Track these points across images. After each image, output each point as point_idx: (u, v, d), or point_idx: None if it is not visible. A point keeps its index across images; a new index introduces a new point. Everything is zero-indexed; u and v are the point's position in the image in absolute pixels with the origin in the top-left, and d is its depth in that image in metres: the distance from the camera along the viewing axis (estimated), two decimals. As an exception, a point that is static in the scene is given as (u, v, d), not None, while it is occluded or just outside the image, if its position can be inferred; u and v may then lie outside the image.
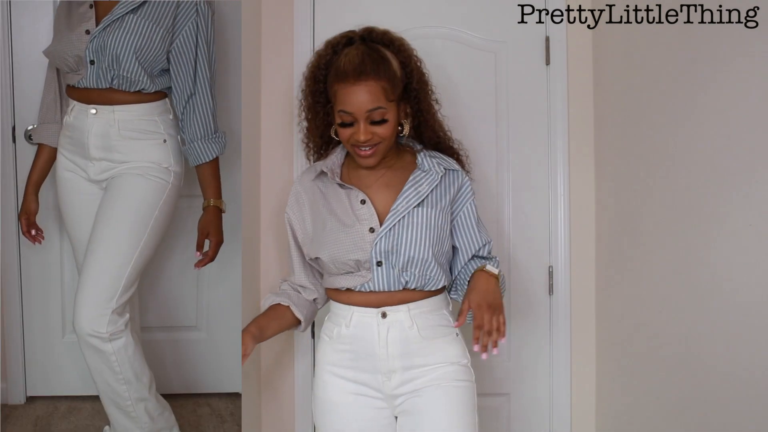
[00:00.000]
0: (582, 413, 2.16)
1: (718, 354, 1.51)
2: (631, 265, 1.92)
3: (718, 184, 1.50)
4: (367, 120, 1.53)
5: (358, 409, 1.59)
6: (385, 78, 1.53)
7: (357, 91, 1.52)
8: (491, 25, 2.15)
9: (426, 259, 1.56)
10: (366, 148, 1.56)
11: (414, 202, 1.58)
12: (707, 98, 1.53)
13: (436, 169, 1.62)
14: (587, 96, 2.16)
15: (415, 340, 1.57)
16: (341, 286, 1.60)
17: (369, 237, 1.56)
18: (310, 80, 1.63)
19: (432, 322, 1.59)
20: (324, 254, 1.59)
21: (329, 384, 1.61)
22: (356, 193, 1.61)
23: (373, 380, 1.58)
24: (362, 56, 1.54)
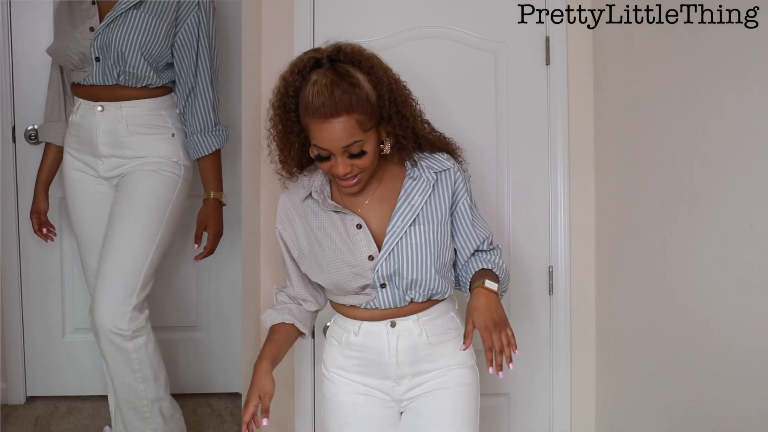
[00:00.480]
0: (582, 413, 2.16)
1: (718, 354, 1.51)
2: (631, 265, 1.92)
3: (718, 183, 1.50)
4: (344, 154, 1.44)
5: (369, 408, 1.58)
6: (358, 110, 1.42)
7: (330, 129, 1.41)
8: (491, 25, 2.15)
9: (429, 278, 1.53)
10: (348, 180, 1.48)
11: (409, 220, 1.52)
12: (707, 98, 1.53)
13: (427, 175, 1.55)
14: (587, 96, 2.15)
15: (424, 346, 1.56)
16: (346, 303, 1.58)
17: (369, 264, 1.53)
18: (280, 109, 1.50)
19: (440, 327, 1.59)
20: (325, 282, 1.56)
21: (340, 386, 1.60)
22: (351, 217, 1.54)
23: (382, 385, 1.58)
24: (331, 87, 1.41)
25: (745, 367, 1.42)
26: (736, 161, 1.44)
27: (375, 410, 1.58)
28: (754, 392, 1.40)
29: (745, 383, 1.42)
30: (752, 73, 1.39)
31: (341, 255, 1.54)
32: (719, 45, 1.49)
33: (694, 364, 1.60)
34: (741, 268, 1.43)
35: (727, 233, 1.47)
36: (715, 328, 1.52)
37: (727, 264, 1.47)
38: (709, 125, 1.53)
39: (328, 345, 1.65)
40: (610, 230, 2.06)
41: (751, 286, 1.40)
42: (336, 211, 1.55)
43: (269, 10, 2.15)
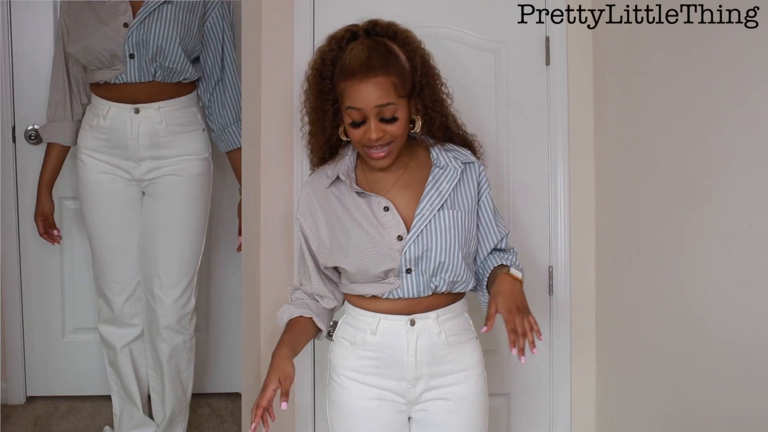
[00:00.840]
0: (582, 413, 2.16)
1: (718, 354, 1.51)
2: (631, 265, 1.92)
3: (718, 183, 1.50)
4: (377, 117, 1.45)
5: (380, 413, 1.55)
6: (394, 73, 1.46)
7: (365, 88, 1.44)
8: (491, 25, 2.15)
9: (456, 263, 1.53)
10: (378, 148, 1.49)
11: (437, 204, 1.52)
12: (707, 98, 1.53)
13: (454, 164, 1.56)
14: (587, 96, 2.15)
15: (442, 346, 1.55)
16: (366, 293, 1.55)
17: (397, 245, 1.51)
18: (316, 78, 1.53)
19: (457, 327, 1.58)
20: (350, 265, 1.53)
21: (351, 390, 1.56)
22: (377, 199, 1.53)
23: (397, 387, 1.55)
24: (369, 51, 1.47)
25: (746, 367, 1.42)
26: (737, 161, 1.44)
27: (385, 415, 1.55)
28: (754, 392, 1.40)
29: (745, 383, 1.42)
30: (752, 73, 1.39)
31: (368, 237, 1.52)
32: (719, 45, 1.49)
33: (695, 364, 1.60)
34: (741, 267, 1.43)
35: (727, 233, 1.47)
36: (716, 328, 1.52)
37: (727, 264, 1.47)
38: (709, 125, 1.53)
39: (337, 347, 1.61)
40: (610, 230, 2.06)
41: (752, 285, 1.40)
42: (361, 195, 1.54)
43: (269, 10, 2.15)
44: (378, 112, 1.45)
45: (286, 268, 2.13)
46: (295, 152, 2.13)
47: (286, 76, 2.14)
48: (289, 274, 2.13)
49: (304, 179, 2.11)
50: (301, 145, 2.11)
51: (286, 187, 2.13)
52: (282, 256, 2.13)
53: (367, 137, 1.47)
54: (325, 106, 1.53)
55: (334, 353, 1.61)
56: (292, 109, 2.13)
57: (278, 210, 2.13)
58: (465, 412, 1.56)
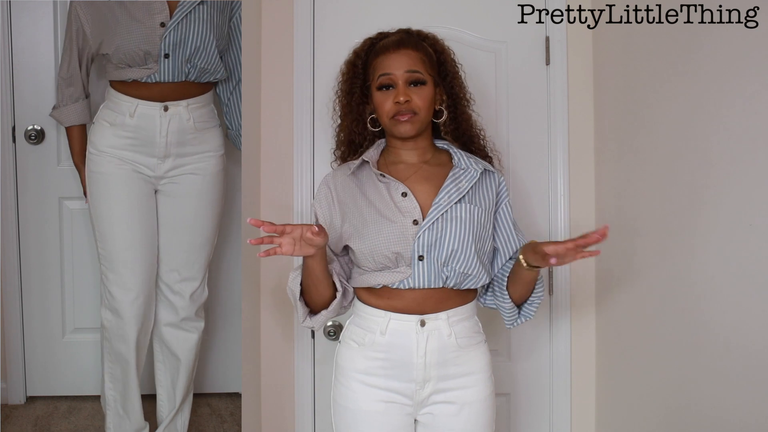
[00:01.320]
0: (582, 413, 2.16)
1: (718, 354, 1.51)
2: (631, 265, 1.92)
3: (717, 183, 1.50)
4: (405, 82, 1.56)
5: (388, 417, 1.54)
6: (423, 51, 1.60)
7: (396, 56, 1.57)
8: (491, 25, 2.15)
9: (468, 254, 1.54)
10: (405, 113, 1.55)
11: (455, 198, 1.56)
12: (707, 98, 1.53)
13: (474, 167, 1.61)
14: (587, 96, 2.15)
15: (452, 348, 1.56)
16: (377, 283, 1.55)
17: (412, 229, 1.54)
18: (348, 68, 1.66)
19: (468, 330, 1.59)
20: (364, 246, 1.54)
21: (359, 393, 1.55)
22: (396, 185, 1.58)
23: (405, 389, 1.55)
24: (400, 35, 1.63)
25: (746, 368, 1.42)
26: (737, 161, 1.44)
27: (393, 419, 1.55)
28: (754, 393, 1.40)
29: (745, 383, 1.42)
30: (752, 73, 1.39)
31: (384, 219, 1.55)
32: (719, 45, 1.49)
33: (694, 364, 1.60)
34: (741, 267, 1.43)
35: (727, 233, 1.47)
36: (716, 328, 1.52)
37: (727, 263, 1.47)
38: (709, 125, 1.53)
39: (344, 348, 1.61)
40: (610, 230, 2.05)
41: (752, 285, 1.40)
42: (381, 180, 1.59)
43: (269, 10, 2.15)
44: (407, 78, 1.56)
45: (285, 268, 2.13)
46: (295, 152, 2.13)
47: (286, 76, 2.14)
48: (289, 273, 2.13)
49: (304, 182, 2.13)
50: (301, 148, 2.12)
51: (286, 186, 2.13)
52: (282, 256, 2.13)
53: (396, 101, 1.55)
54: (354, 89, 1.64)
55: (341, 355, 1.61)
56: (293, 112, 2.13)
57: (278, 209, 2.13)
58: (471, 417, 1.56)
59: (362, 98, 1.64)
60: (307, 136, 2.12)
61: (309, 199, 2.12)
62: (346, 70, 1.67)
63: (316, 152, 2.12)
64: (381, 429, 1.54)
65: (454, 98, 1.66)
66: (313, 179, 2.12)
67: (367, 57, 1.63)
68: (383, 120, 1.60)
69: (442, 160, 1.66)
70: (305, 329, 2.13)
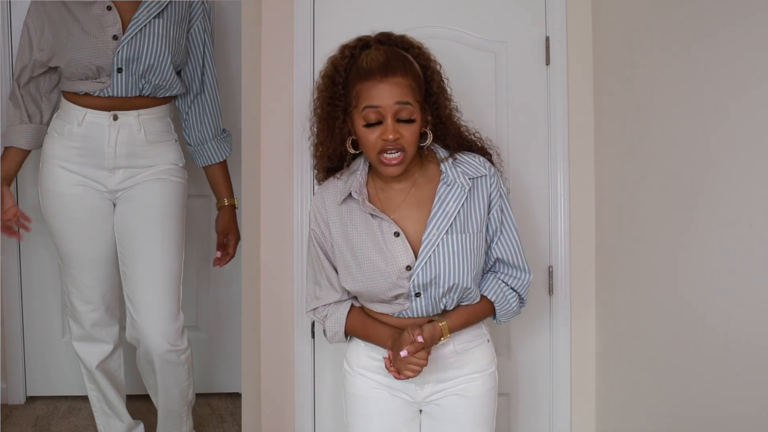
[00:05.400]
0: (582, 413, 2.16)
1: (718, 354, 1.51)
2: (631, 265, 1.92)
3: (718, 183, 1.50)
4: (394, 117, 1.45)
5: (390, 403, 1.59)
6: (411, 76, 1.47)
7: (384, 87, 1.44)
8: (491, 25, 2.15)
9: (466, 286, 1.53)
10: (393, 152, 1.46)
11: (444, 227, 1.51)
12: (707, 97, 1.53)
13: (462, 180, 1.54)
14: (587, 96, 2.15)
15: (449, 355, 1.58)
16: (377, 310, 1.58)
17: (405, 273, 1.51)
18: (327, 86, 1.53)
19: (466, 336, 1.60)
20: (358, 288, 1.55)
21: (364, 382, 1.61)
22: (389, 224, 1.52)
23: (406, 387, 1.58)
24: (387, 54, 1.48)
25: (746, 367, 1.42)
26: (737, 161, 1.43)
27: (393, 404, 1.59)
28: (754, 392, 1.40)
29: (745, 383, 1.42)
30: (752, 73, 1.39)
31: (376, 267, 1.52)
32: (719, 44, 1.49)
33: (695, 364, 1.60)
34: (741, 267, 1.43)
35: (727, 233, 1.47)
36: (716, 328, 1.52)
37: (727, 263, 1.47)
38: (709, 125, 1.53)
39: (353, 343, 1.64)
40: (610, 230, 2.06)
41: (752, 285, 1.40)
42: (374, 216, 1.53)
43: (269, 10, 2.15)
44: (396, 111, 1.45)
45: (285, 269, 2.13)
46: (295, 152, 2.13)
47: (286, 76, 2.14)
48: (289, 274, 2.13)
49: (303, 183, 2.13)
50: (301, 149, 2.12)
51: (286, 189, 2.13)
52: (282, 257, 2.13)
53: (384, 138, 1.45)
54: (336, 113, 1.51)
55: (350, 350, 1.65)
56: (293, 113, 2.13)
57: (278, 212, 2.13)
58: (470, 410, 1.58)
59: (344, 124, 1.52)
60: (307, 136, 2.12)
61: (309, 199, 2.12)
62: (325, 87, 1.54)
63: (316, 152, 2.12)
64: (386, 413, 1.58)
65: (442, 115, 1.56)
66: (313, 179, 2.12)
67: (347, 74, 1.50)
68: (369, 154, 1.50)
69: (430, 173, 1.58)
70: (305, 329, 2.13)
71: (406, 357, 1.43)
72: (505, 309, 1.61)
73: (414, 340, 1.43)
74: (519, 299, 1.63)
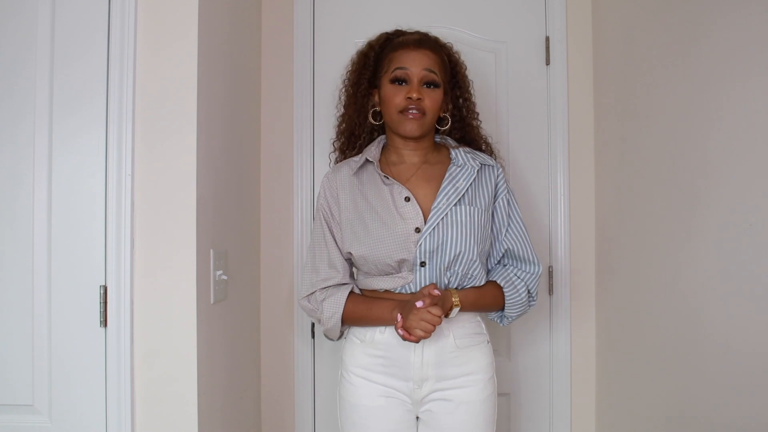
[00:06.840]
0: (582, 413, 2.16)
1: (717, 354, 1.51)
2: (630, 266, 1.92)
3: (718, 183, 1.50)
4: (420, 81, 1.57)
5: (388, 411, 1.57)
6: (440, 55, 1.61)
7: (417, 54, 1.58)
8: (491, 25, 2.15)
9: (471, 257, 1.55)
10: (414, 110, 1.56)
11: (453, 199, 1.56)
12: (707, 98, 1.53)
13: (471, 163, 1.62)
14: (587, 96, 2.16)
15: (450, 349, 1.56)
16: (380, 287, 1.57)
17: (414, 236, 1.54)
18: (360, 58, 1.67)
19: (467, 330, 1.59)
20: (365, 252, 1.55)
21: (360, 388, 1.58)
22: (400, 189, 1.58)
23: (404, 387, 1.57)
24: (421, 34, 1.64)
25: (745, 368, 1.42)
26: (736, 161, 1.43)
27: (395, 413, 1.57)
28: (753, 393, 1.40)
29: (744, 383, 1.42)
30: (752, 73, 1.39)
31: (386, 227, 1.55)
32: (719, 45, 1.49)
33: (694, 364, 1.60)
34: (741, 268, 1.43)
35: (726, 233, 1.47)
36: (715, 329, 1.52)
37: (727, 264, 1.47)
38: (708, 125, 1.53)
39: (348, 344, 1.63)
40: (610, 230, 2.06)
41: (751, 285, 1.40)
42: (385, 182, 1.59)
43: (269, 10, 2.15)
44: (423, 77, 1.57)
45: (285, 268, 2.14)
46: (295, 152, 2.13)
47: (286, 76, 2.14)
48: (289, 273, 2.13)
49: (304, 183, 2.13)
50: (302, 149, 2.12)
51: (286, 185, 2.13)
52: (281, 255, 2.13)
53: (408, 95, 1.56)
54: (361, 80, 1.65)
55: (346, 350, 1.63)
56: (292, 109, 2.13)
57: (278, 209, 2.13)
58: (468, 416, 1.56)
59: (368, 90, 1.66)
60: (307, 137, 2.12)
61: (309, 199, 2.12)
62: (357, 60, 1.68)
63: (316, 153, 2.13)
64: (380, 422, 1.56)
65: (463, 109, 1.68)
66: (313, 180, 2.12)
67: (382, 50, 1.64)
68: (391, 113, 1.59)
69: (441, 157, 1.66)
70: (304, 329, 2.13)
71: (421, 309, 1.43)
72: (514, 298, 1.61)
73: (430, 292, 1.46)
74: (528, 293, 1.64)
